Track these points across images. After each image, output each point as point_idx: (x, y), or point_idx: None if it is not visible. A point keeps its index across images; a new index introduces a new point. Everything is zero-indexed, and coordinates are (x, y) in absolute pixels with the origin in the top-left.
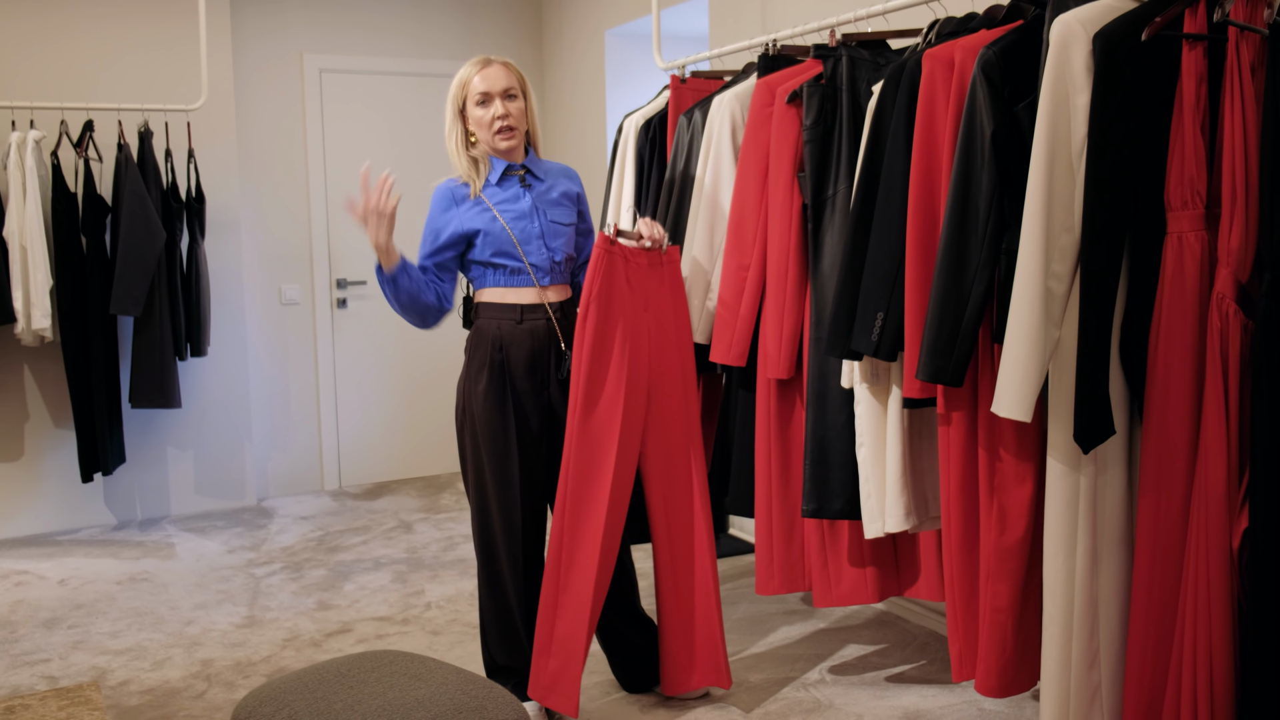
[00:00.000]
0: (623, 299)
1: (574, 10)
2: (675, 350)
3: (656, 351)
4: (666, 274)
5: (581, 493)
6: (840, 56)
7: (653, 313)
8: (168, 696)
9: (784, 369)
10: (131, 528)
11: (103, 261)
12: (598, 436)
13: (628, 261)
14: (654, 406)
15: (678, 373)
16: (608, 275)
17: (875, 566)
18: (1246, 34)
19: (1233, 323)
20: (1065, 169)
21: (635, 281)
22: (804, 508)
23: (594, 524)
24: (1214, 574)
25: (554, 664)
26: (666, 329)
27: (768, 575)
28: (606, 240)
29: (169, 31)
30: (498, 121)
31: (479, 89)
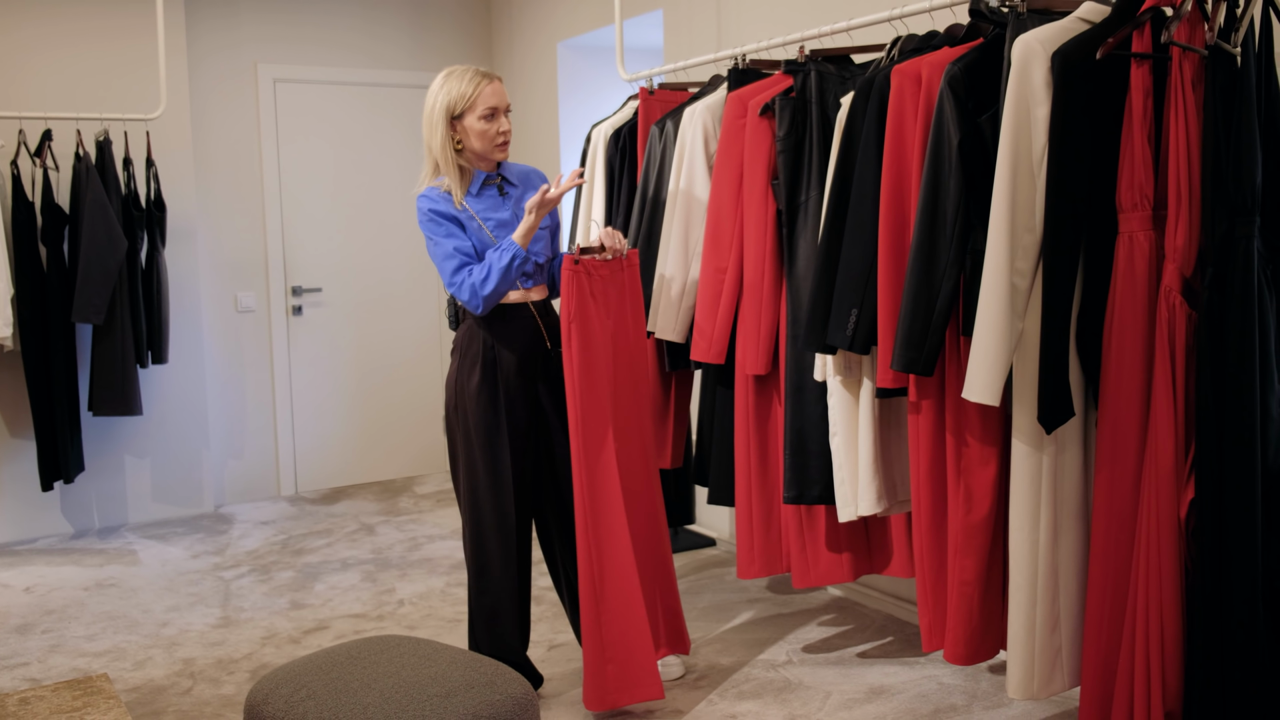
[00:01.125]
0: (595, 312)
1: (525, 23)
2: (634, 349)
3: (617, 352)
4: (626, 278)
5: (598, 506)
6: (809, 71)
7: (614, 317)
8: (155, 694)
9: (762, 365)
10: (90, 536)
11: (62, 270)
12: (601, 447)
13: (591, 275)
14: (618, 402)
15: (635, 369)
16: (580, 294)
17: (849, 548)
18: (1188, 53)
19: (1179, 313)
20: (1027, 175)
21: (599, 292)
22: (785, 495)
23: (618, 531)
24: (1164, 541)
25: (614, 669)
26: (626, 330)
27: (749, 560)
28: (572, 260)
29: (125, 41)
30: (500, 136)
31: (489, 103)
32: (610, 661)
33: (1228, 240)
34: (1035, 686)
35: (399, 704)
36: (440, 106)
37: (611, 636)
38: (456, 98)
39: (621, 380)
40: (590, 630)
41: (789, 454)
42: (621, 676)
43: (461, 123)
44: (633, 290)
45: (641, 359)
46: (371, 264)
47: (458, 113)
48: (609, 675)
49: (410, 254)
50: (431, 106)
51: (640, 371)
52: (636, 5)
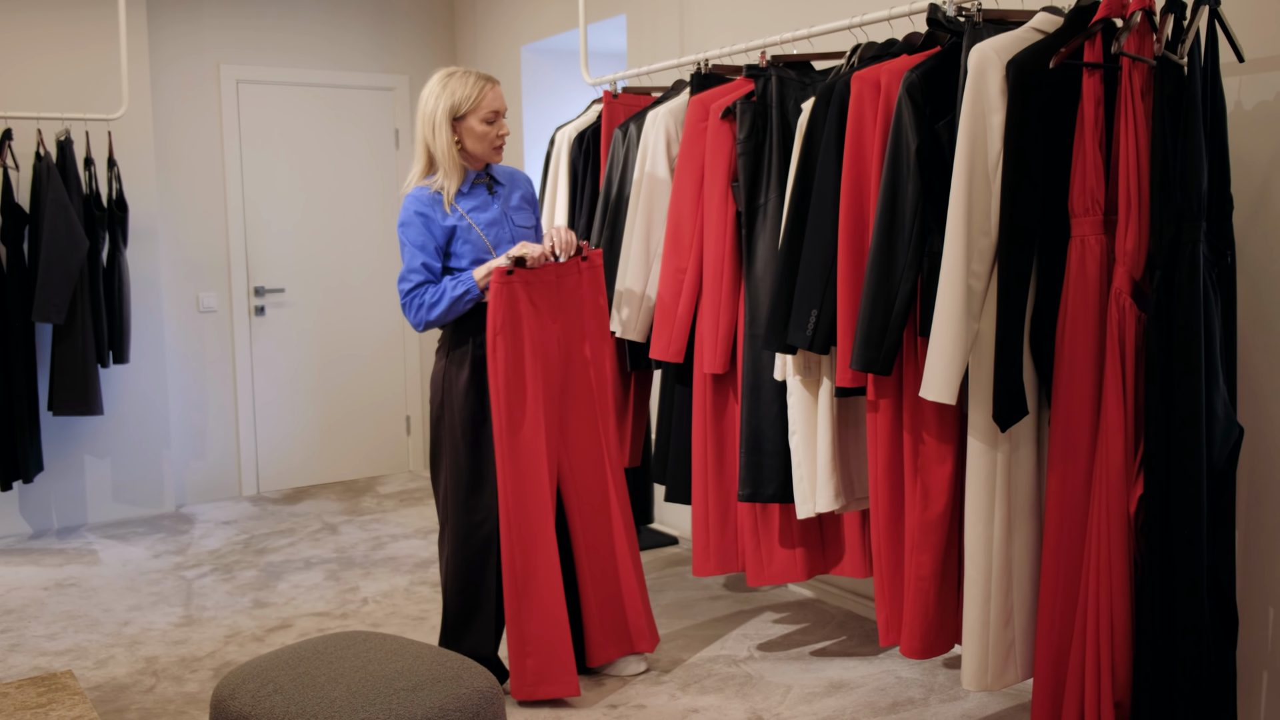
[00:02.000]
0: (528, 321)
1: (489, 26)
2: (592, 349)
3: (568, 354)
4: (585, 278)
5: (524, 506)
6: (770, 76)
7: (564, 319)
8: (117, 692)
9: (720, 364)
10: (49, 536)
11: (21, 270)
12: (527, 453)
13: (530, 284)
14: (569, 402)
15: (591, 369)
16: (509, 306)
17: (803, 547)
18: (1137, 63)
19: (1129, 315)
20: (983, 180)
21: (540, 298)
22: (740, 492)
23: (544, 530)
24: (1113, 536)
25: (534, 662)
26: (582, 329)
27: (704, 558)
28: (503, 273)
29: (87, 40)
30: (499, 139)
31: (492, 106)
32: (530, 656)
33: (1175, 244)
34: (989, 679)
35: (366, 698)
36: (444, 108)
37: (531, 632)
38: (461, 99)
39: (575, 382)
40: (513, 625)
41: (744, 452)
42: (540, 671)
43: (463, 124)
44: (592, 291)
45: (602, 359)
46: (334, 265)
47: (461, 114)
48: (529, 669)
49: (373, 255)
50: (434, 108)
51: (601, 372)
52: (600, 10)
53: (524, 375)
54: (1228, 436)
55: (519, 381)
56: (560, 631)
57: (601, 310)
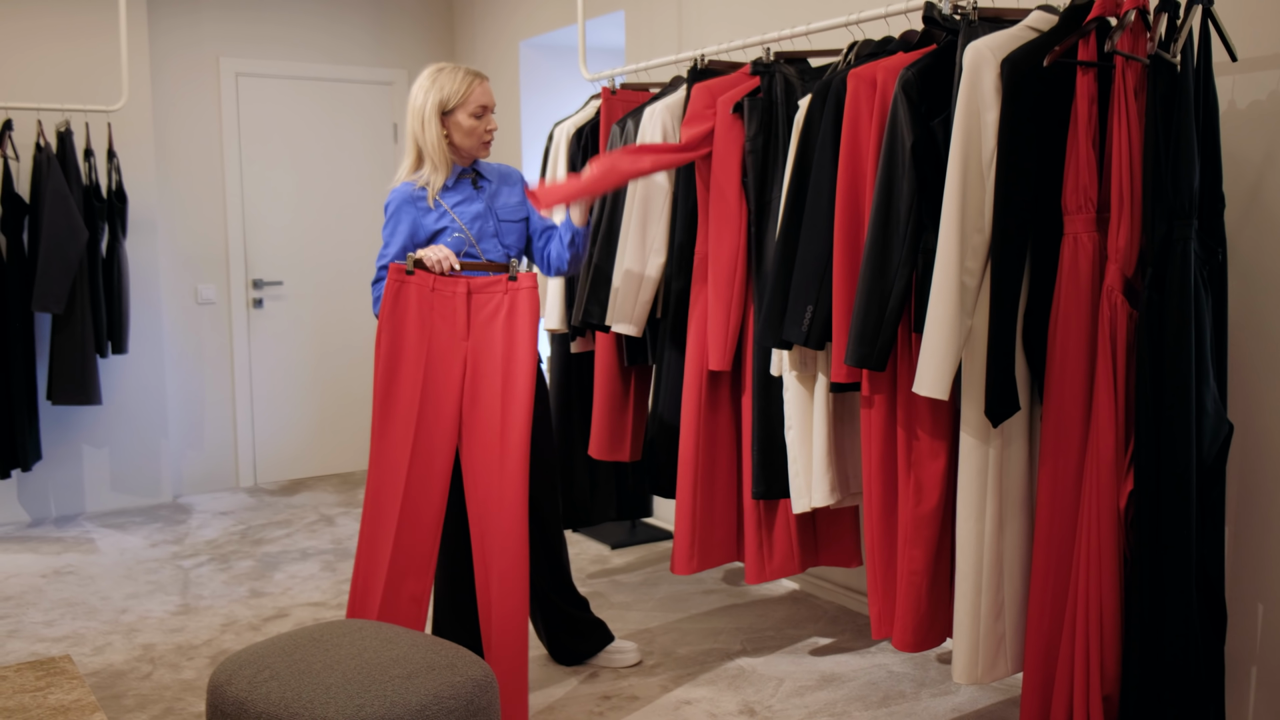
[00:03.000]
0: (420, 326)
1: (487, 22)
2: (501, 374)
3: (477, 378)
4: (508, 300)
5: (377, 500)
6: (775, 72)
7: (476, 340)
8: (114, 678)
9: (726, 362)
10: (47, 524)
11: (21, 260)
12: (390, 456)
13: (434, 290)
14: (472, 429)
15: (508, 395)
16: (397, 302)
17: (800, 541)
18: (1131, 62)
19: (1120, 312)
20: (977, 177)
21: (445, 308)
22: (754, 490)
23: (384, 534)
24: (1103, 532)
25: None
26: (495, 354)
27: (687, 556)
28: (400, 270)
29: (87, 31)
30: (487, 134)
31: (480, 101)
32: None
33: (1166, 242)
34: (979, 672)
35: (361, 684)
36: (433, 102)
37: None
38: (450, 93)
39: (483, 404)
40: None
41: (757, 450)
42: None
43: (451, 118)
44: (513, 314)
45: (517, 385)
46: (332, 258)
47: (449, 108)
48: None
49: (371, 249)
50: (423, 102)
51: (514, 397)
52: (598, 6)
53: (401, 377)
54: (1217, 433)
55: (396, 381)
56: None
57: (525, 337)
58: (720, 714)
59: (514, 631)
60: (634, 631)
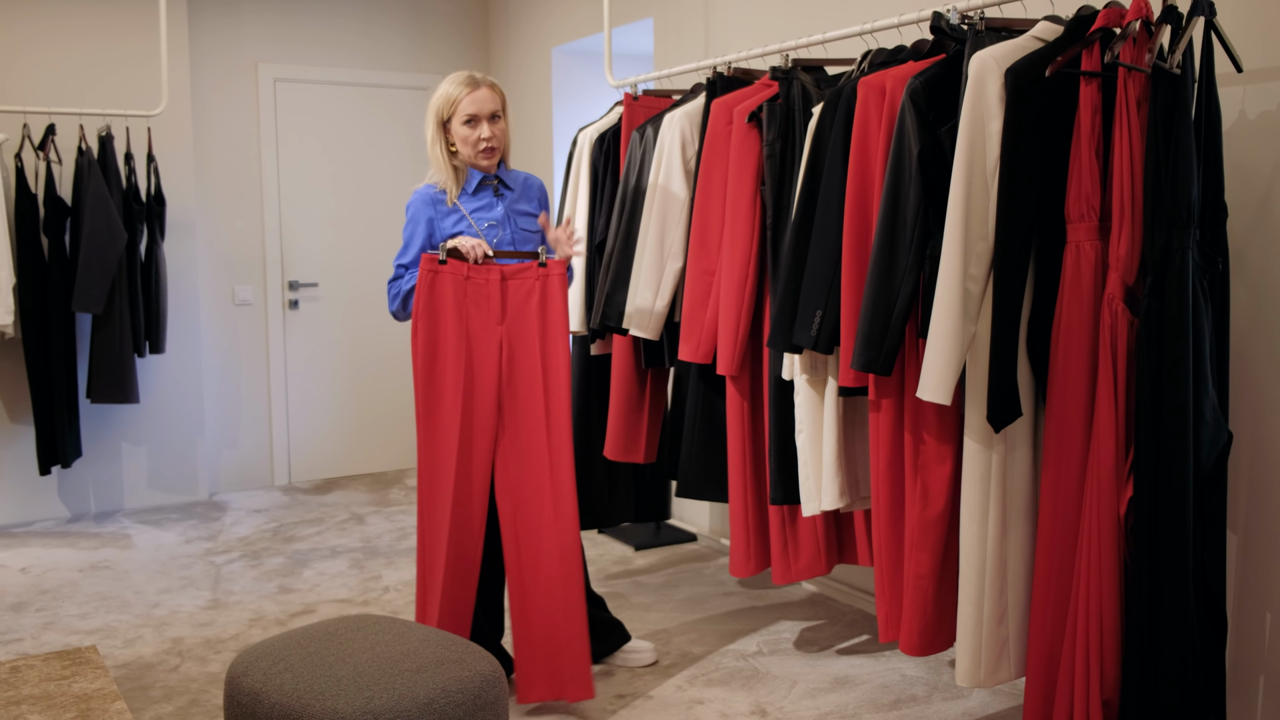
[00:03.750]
0: (459, 314)
1: (521, 28)
2: (537, 358)
3: (514, 362)
4: (539, 285)
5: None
6: (794, 79)
7: (511, 325)
8: (143, 670)
9: (734, 367)
10: (87, 520)
11: (63, 261)
12: (441, 444)
13: (469, 279)
14: (515, 412)
15: (549, 379)
16: (432, 293)
17: (825, 542)
18: (1133, 72)
19: (1121, 320)
20: (981, 185)
21: (479, 296)
22: (772, 495)
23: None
24: (1104, 538)
25: None
26: (531, 338)
27: (744, 559)
28: (433, 260)
29: (129, 38)
30: (482, 143)
31: (467, 110)
32: None
33: (1165, 251)
34: (982, 675)
35: (371, 677)
36: (431, 110)
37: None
38: (443, 103)
39: (523, 393)
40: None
41: (774, 454)
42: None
43: (449, 128)
44: (548, 300)
45: (556, 370)
46: (366, 260)
47: (445, 118)
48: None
49: None
50: (429, 113)
51: (555, 382)
52: (628, 13)
53: (444, 367)
54: (1216, 440)
55: (436, 371)
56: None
57: (558, 319)
58: (732, 714)
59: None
60: (652, 632)
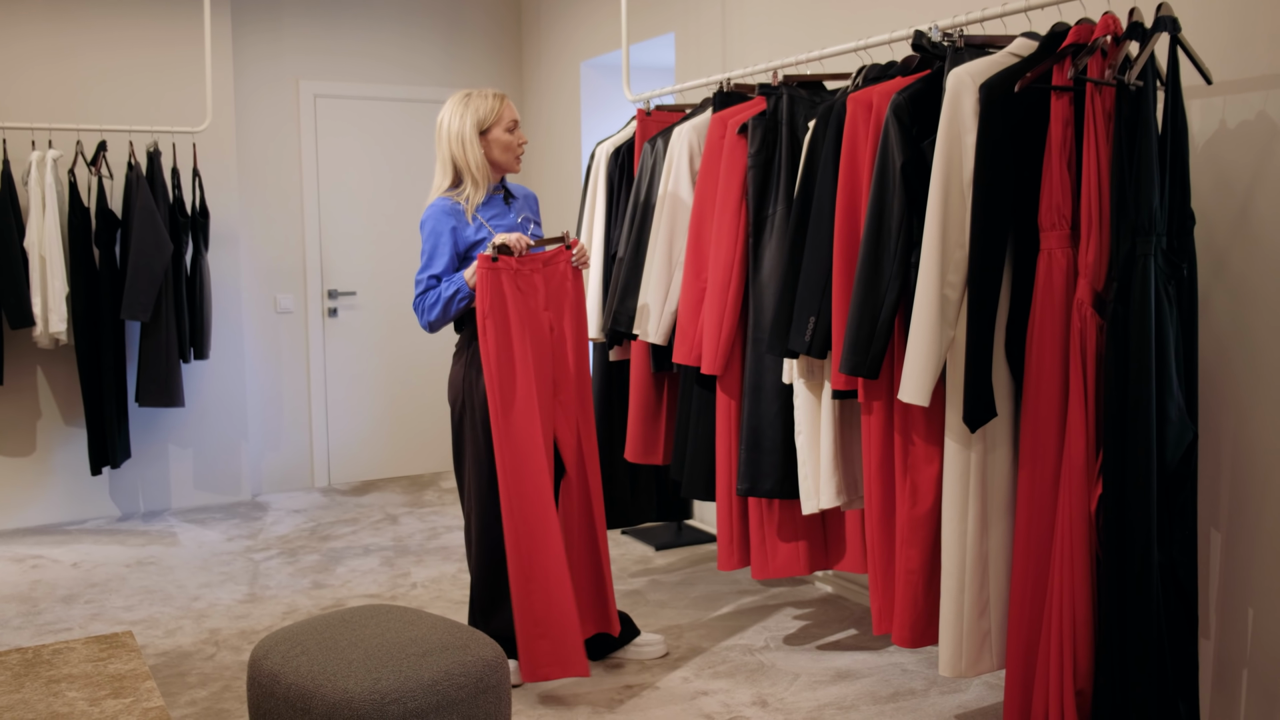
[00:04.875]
0: (516, 305)
1: (552, 42)
2: (573, 340)
3: (559, 340)
4: (569, 270)
5: (523, 488)
6: (781, 95)
7: (553, 308)
8: (181, 658)
9: (718, 366)
10: (135, 519)
11: (113, 271)
12: (522, 433)
13: (516, 271)
14: (559, 389)
15: (572, 355)
16: (494, 290)
17: (807, 542)
18: (1102, 87)
19: (1090, 324)
20: (958, 196)
21: (528, 285)
22: (739, 487)
23: (545, 512)
24: (1075, 534)
25: (546, 644)
26: (566, 317)
27: (729, 553)
28: (488, 260)
29: (176, 59)
30: (520, 148)
31: (512, 117)
32: (542, 637)
33: (1130, 258)
34: (964, 665)
35: (379, 660)
36: (470, 123)
37: (541, 613)
38: (485, 114)
39: (564, 370)
40: (522, 606)
41: (744, 449)
42: (553, 652)
43: (488, 136)
44: (574, 277)
45: (583, 346)
46: (403, 269)
47: (486, 127)
48: (541, 650)
49: None
50: (460, 125)
51: (582, 356)
52: (650, 28)
53: (514, 359)
54: (1181, 438)
55: (509, 365)
56: (568, 612)
57: (579, 304)
58: (734, 704)
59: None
60: (665, 627)
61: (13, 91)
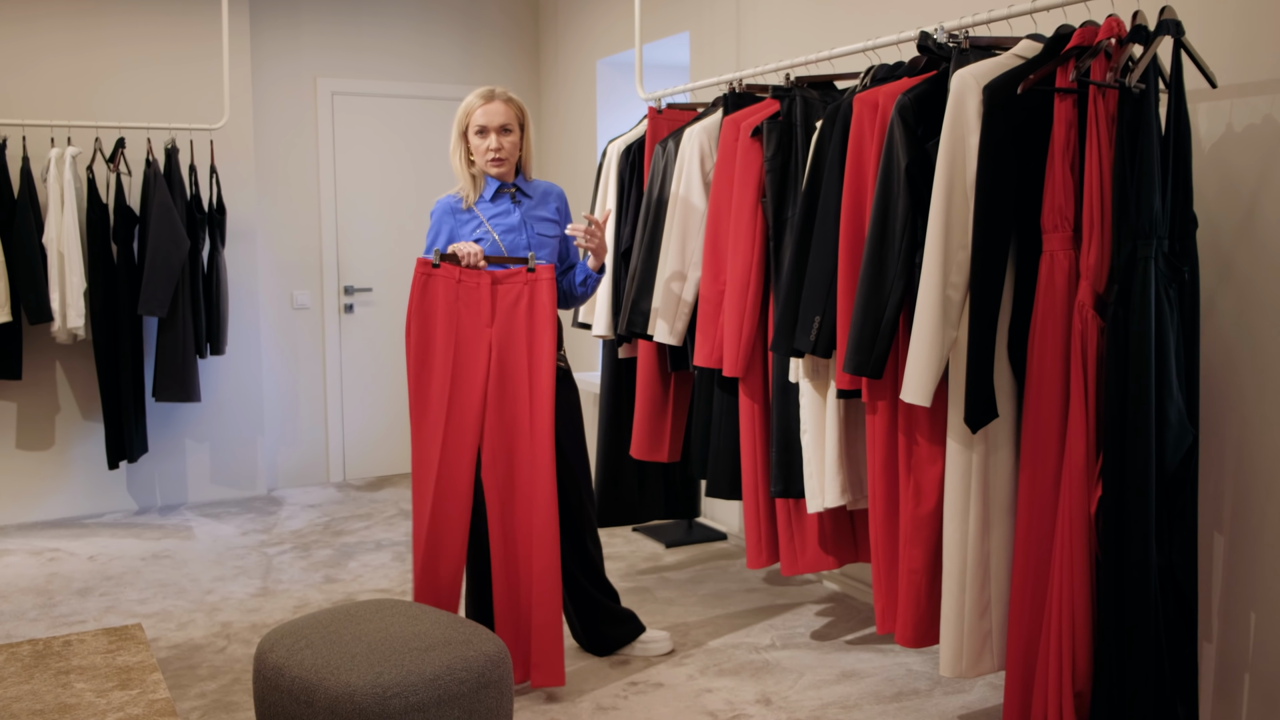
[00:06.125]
0: (449, 315)
1: (569, 40)
2: (524, 361)
3: (504, 364)
4: (528, 290)
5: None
6: (795, 97)
7: (501, 328)
8: (192, 651)
9: (739, 368)
10: (152, 512)
11: (131, 267)
12: (429, 438)
13: (460, 282)
14: (503, 412)
15: (525, 382)
16: (423, 293)
17: (834, 539)
18: (1107, 89)
19: (1091, 326)
20: (961, 197)
21: (470, 299)
22: (772, 489)
23: (449, 520)
24: (1075, 536)
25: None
26: (519, 342)
27: (757, 551)
28: (427, 264)
29: (194, 56)
30: (490, 153)
31: (478, 122)
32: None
33: (1130, 261)
34: (964, 666)
35: (382, 654)
36: (455, 120)
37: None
38: (460, 114)
39: (510, 394)
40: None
41: (775, 450)
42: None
43: (466, 138)
44: (535, 304)
45: (540, 372)
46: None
47: (462, 129)
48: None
49: None
50: (453, 126)
51: (539, 384)
52: (665, 27)
53: (433, 365)
54: (1180, 441)
55: (427, 370)
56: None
57: (545, 324)
58: (738, 702)
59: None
60: (672, 624)
61: (32, 88)
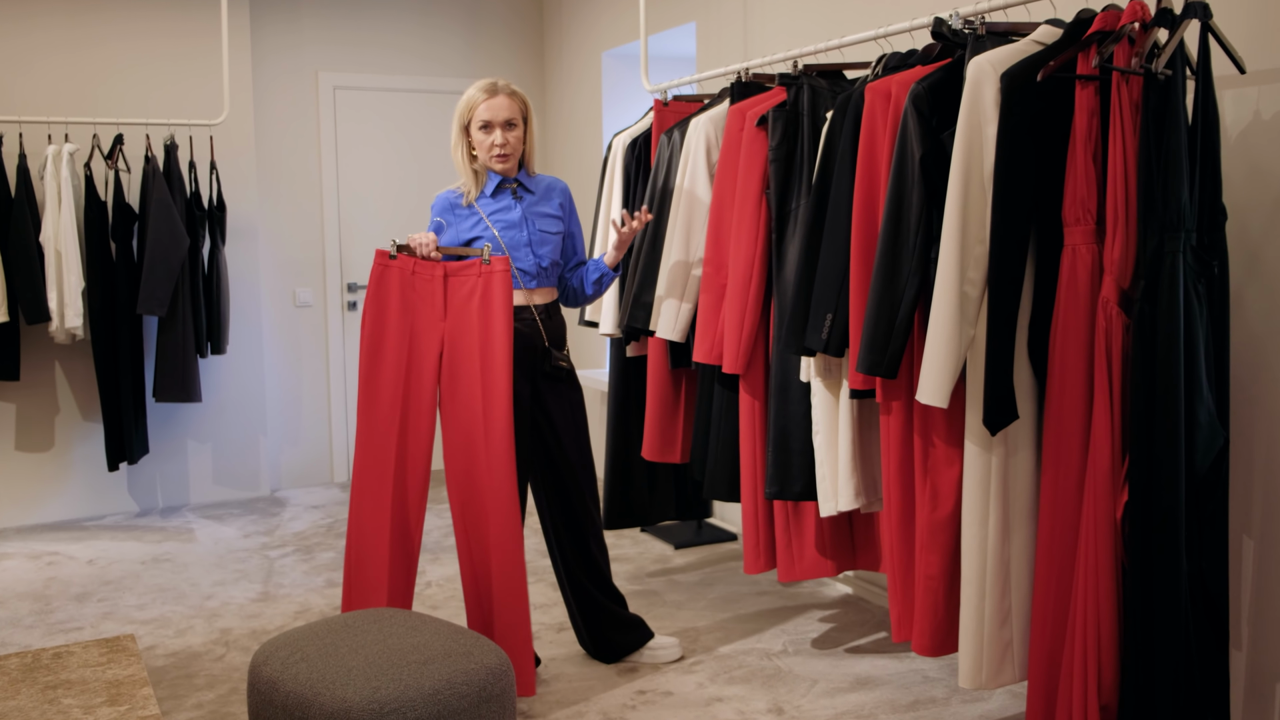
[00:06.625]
0: (403, 307)
1: (573, 32)
2: (479, 353)
3: (454, 354)
4: (482, 284)
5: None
6: (802, 85)
7: (453, 322)
8: (190, 659)
9: (740, 365)
10: (153, 514)
11: (130, 265)
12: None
13: (415, 273)
14: (453, 405)
15: (478, 375)
16: (379, 285)
17: (834, 544)
18: (1131, 77)
19: (1115, 323)
20: (979, 189)
21: (425, 291)
22: (767, 490)
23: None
24: (1100, 542)
25: None
26: (471, 336)
27: (755, 555)
28: (384, 255)
29: (193, 51)
30: (495, 148)
31: (482, 117)
32: None
33: (1157, 255)
34: (984, 677)
35: (380, 668)
36: (456, 114)
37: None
38: (463, 108)
39: (462, 389)
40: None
41: (772, 451)
42: None
43: (469, 133)
44: (487, 297)
45: (495, 362)
46: None
47: (465, 122)
48: None
49: None
50: (454, 120)
51: (492, 381)
52: (671, 18)
53: (383, 357)
54: (1211, 443)
55: (378, 361)
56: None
57: (499, 319)
58: (749, 712)
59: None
60: (681, 629)
61: (29, 85)
